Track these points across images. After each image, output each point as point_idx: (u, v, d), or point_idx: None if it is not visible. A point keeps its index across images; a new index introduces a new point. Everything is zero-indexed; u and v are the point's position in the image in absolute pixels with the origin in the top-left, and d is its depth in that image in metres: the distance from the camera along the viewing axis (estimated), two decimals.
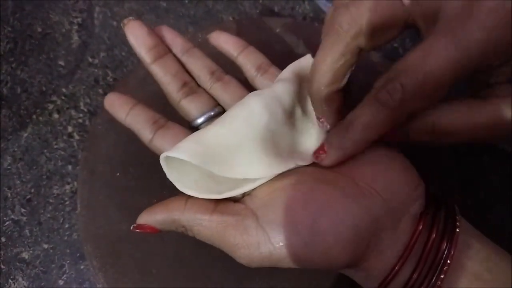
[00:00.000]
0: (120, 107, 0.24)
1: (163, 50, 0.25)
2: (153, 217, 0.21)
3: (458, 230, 0.20)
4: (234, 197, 0.22)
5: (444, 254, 0.19)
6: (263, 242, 0.20)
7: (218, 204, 0.21)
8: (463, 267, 0.20)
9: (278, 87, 0.24)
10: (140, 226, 0.22)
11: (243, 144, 0.22)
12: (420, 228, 0.20)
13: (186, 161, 0.20)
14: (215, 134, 0.22)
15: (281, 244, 0.19)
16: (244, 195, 0.22)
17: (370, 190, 0.20)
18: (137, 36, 0.24)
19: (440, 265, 0.19)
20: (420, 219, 0.20)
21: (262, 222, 0.20)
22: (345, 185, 0.21)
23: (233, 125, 0.22)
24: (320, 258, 0.19)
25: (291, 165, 0.22)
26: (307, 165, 0.23)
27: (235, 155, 0.21)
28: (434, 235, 0.20)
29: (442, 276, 0.19)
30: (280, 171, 0.22)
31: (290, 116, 0.24)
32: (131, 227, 0.22)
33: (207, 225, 0.21)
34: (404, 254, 0.20)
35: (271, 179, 0.22)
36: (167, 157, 0.21)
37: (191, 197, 0.22)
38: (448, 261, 0.19)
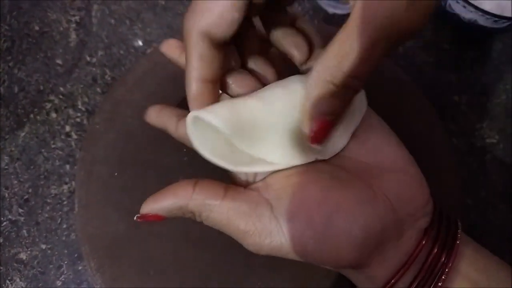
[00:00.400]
0: (153, 113, 0.25)
1: None
2: (159, 204, 0.21)
3: (458, 242, 0.21)
4: (243, 181, 0.22)
5: (442, 264, 0.20)
6: (276, 232, 0.20)
7: (228, 188, 0.21)
8: (462, 276, 0.20)
9: None
10: (144, 216, 0.21)
11: (274, 127, 0.21)
12: (424, 242, 0.21)
13: (209, 126, 0.20)
14: (249, 108, 0.21)
15: (293, 237, 0.20)
16: (255, 180, 0.22)
17: (383, 197, 0.21)
18: (168, 45, 0.26)
19: (438, 274, 0.20)
20: (425, 234, 0.21)
21: (277, 212, 0.20)
22: (361, 187, 0.21)
23: (271, 105, 0.21)
24: (328, 255, 0.20)
25: (310, 158, 0.22)
26: (326, 162, 0.23)
27: (263, 134, 0.21)
28: (436, 249, 0.20)
29: (440, 284, 0.20)
30: (300, 163, 0.22)
31: None
32: (135, 217, 0.21)
33: (218, 210, 0.20)
34: (406, 264, 0.20)
35: (289, 171, 0.22)
36: (194, 117, 0.20)
37: (198, 181, 0.21)
38: (446, 270, 0.20)
